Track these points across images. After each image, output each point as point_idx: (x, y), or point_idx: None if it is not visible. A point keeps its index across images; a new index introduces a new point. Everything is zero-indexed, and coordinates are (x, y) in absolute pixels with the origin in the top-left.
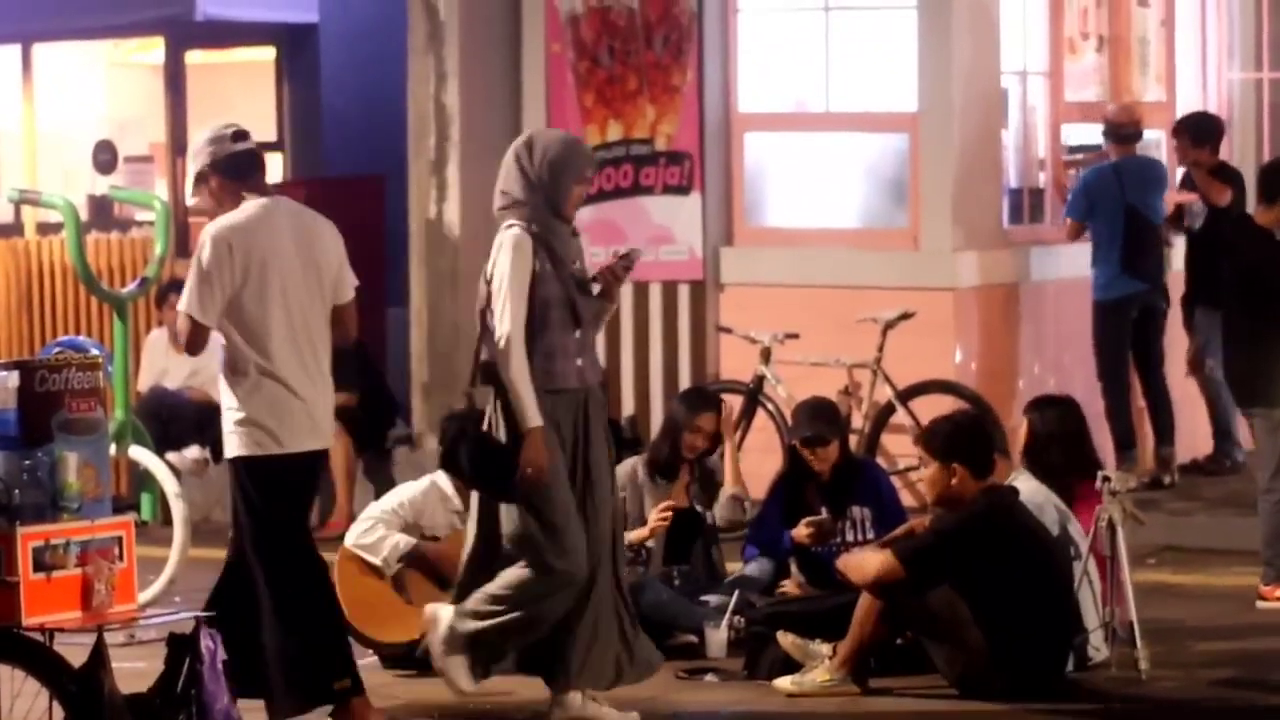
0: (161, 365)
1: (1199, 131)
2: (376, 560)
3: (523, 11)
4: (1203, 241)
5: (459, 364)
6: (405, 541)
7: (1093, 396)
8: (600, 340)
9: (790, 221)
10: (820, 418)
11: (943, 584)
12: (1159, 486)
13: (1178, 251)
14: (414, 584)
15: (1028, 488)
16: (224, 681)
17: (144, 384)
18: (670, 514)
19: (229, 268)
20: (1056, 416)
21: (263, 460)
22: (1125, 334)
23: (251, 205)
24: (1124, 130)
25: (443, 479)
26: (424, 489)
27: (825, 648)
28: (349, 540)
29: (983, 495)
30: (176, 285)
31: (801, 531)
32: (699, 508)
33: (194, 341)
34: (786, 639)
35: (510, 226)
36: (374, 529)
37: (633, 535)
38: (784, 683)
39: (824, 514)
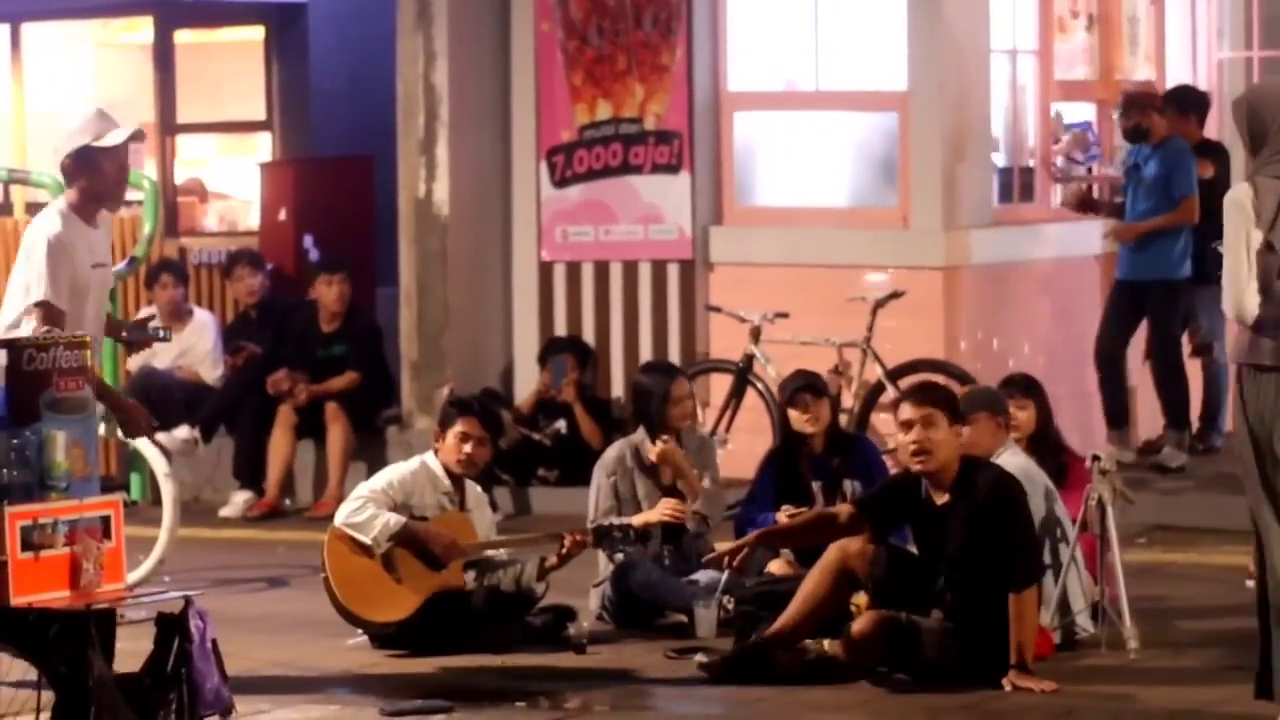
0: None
1: (1183, 103)
2: (366, 539)
3: None
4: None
5: (448, 344)
6: (395, 520)
7: (1081, 375)
8: (590, 319)
9: (780, 200)
10: (809, 376)
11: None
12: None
13: None
14: (404, 563)
15: (1016, 462)
16: (214, 661)
17: (133, 363)
18: (683, 512)
19: None
20: (1042, 396)
21: None
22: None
23: None
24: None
25: (432, 459)
26: (413, 469)
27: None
28: (338, 519)
29: (985, 470)
30: (167, 264)
31: (784, 518)
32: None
33: None
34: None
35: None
36: (364, 508)
37: (637, 520)
38: (785, 654)
39: (816, 490)
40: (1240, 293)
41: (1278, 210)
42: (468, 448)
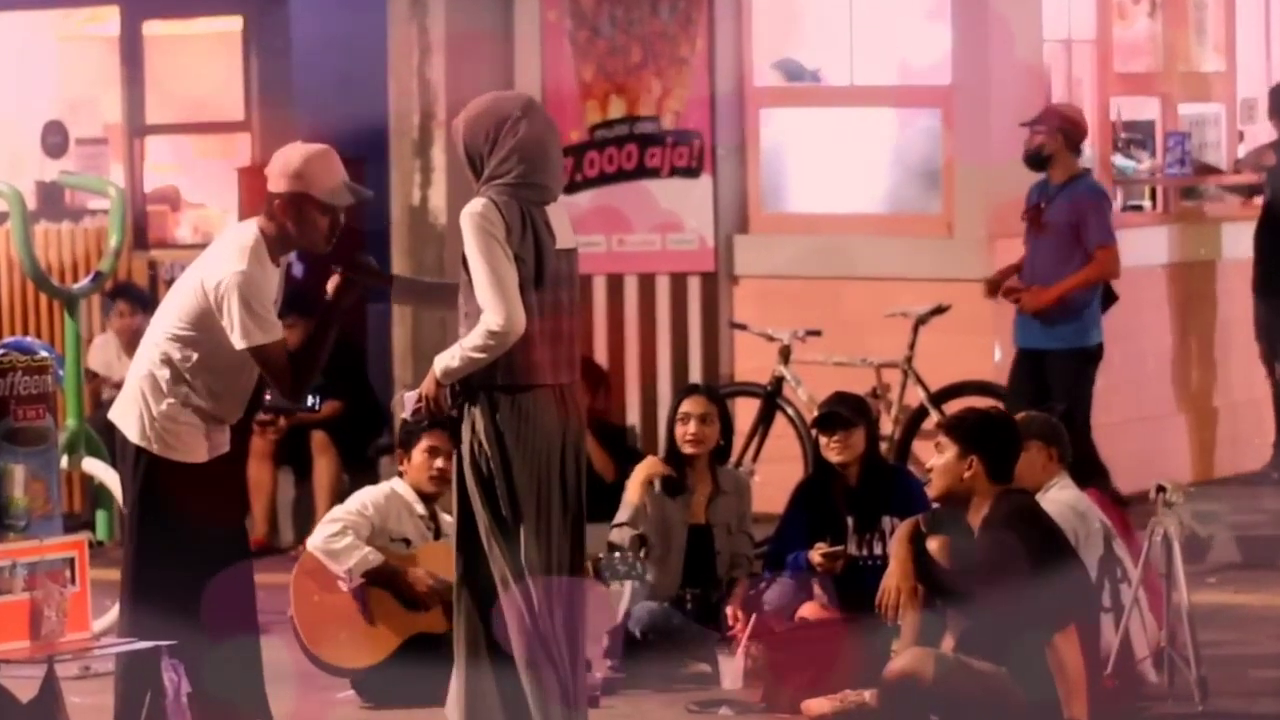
0: (116, 372)
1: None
2: (340, 569)
3: None
4: (1267, 223)
5: None
6: (375, 557)
7: (1141, 398)
8: (602, 338)
9: (811, 207)
10: (843, 403)
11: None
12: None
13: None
14: (377, 602)
15: (1066, 497)
16: (188, 716)
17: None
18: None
19: None
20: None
21: None
22: None
23: None
24: None
25: (400, 485)
26: (385, 493)
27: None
28: (314, 542)
29: (1007, 501)
30: (124, 289)
31: (816, 558)
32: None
33: None
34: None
35: None
36: (342, 534)
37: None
38: (821, 703)
39: (849, 526)
40: None
41: None
42: (439, 462)
